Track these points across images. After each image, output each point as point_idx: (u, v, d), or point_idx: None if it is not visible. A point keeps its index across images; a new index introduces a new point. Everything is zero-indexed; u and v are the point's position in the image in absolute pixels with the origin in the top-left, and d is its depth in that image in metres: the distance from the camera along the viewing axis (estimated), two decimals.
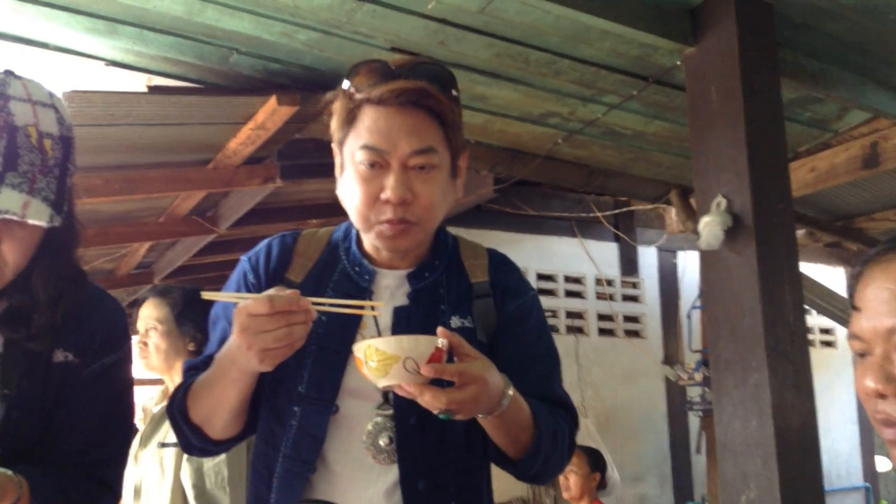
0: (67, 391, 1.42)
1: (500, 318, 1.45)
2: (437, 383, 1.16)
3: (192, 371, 1.43)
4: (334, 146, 1.43)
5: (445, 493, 1.36)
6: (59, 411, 1.42)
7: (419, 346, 1.16)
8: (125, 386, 1.54)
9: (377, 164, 1.33)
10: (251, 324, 1.18)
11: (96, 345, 1.46)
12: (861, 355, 1.04)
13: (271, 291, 1.20)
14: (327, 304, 1.27)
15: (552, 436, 1.34)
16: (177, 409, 1.39)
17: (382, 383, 1.19)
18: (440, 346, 1.17)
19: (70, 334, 1.42)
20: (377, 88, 1.33)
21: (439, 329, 1.18)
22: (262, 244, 1.51)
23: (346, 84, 1.38)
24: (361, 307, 1.29)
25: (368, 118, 1.34)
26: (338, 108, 1.39)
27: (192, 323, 2.70)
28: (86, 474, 1.43)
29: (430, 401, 1.15)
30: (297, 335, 1.20)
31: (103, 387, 1.47)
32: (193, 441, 1.40)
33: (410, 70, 1.36)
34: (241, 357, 1.24)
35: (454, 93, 1.41)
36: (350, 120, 1.36)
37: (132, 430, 1.61)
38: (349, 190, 1.37)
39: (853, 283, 1.05)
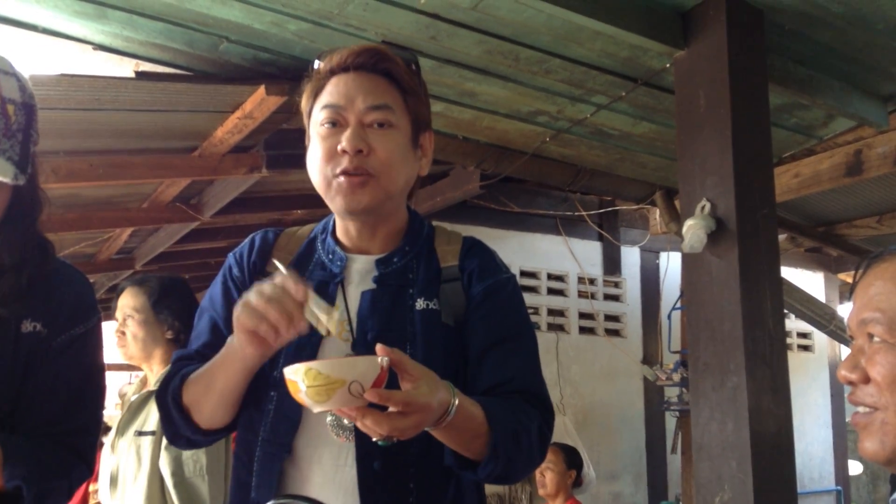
0: (37, 362, 1.45)
1: (469, 300, 1.45)
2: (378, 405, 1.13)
3: (185, 360, 1.45)
4: (304, 120, 1.49)
5: (404, 473, 1.34)
6: (30, 382, 1.44)
7: (362, 368, 1.10)
8: (95, 357, 1.56)
9: (336, 122, 1.39)
10: (271, 291, 1.21)
11: (64, 316, 1.49)
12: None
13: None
14: (314, 302, 1.25)
15: (513, 438, 1.29)
16: (171, 393, 1.39)
17: (320, 408, 1.12)
18: (383, 365, 1.12)
19: (38, 305, 1.45)
20: (337, 56, 1.43)
21: (378, 346, 1.13)
22: (246, 240, 1.56)
23: (315, 64, 1.47)
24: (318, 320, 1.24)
25: (331, 85, 1.42)
26: (307, 87, 1.47)
27: (169, 311, 2.69)
28: (59, 444, 1.46)
29: (372, 426, 1.12)
30: (272, 316, 1.18)
31: (73, 358, 1.49)
32: (181, 429, 1.40)
33: None
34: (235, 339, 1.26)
35: (413, 68, 1.48)
36: (316, 93, 1.45)
37: (104, 401, 1.62)
38: (312, 153, 1.43)
39: (855, 280, 1.13)
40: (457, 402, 1.21)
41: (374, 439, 1.15)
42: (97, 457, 1.60)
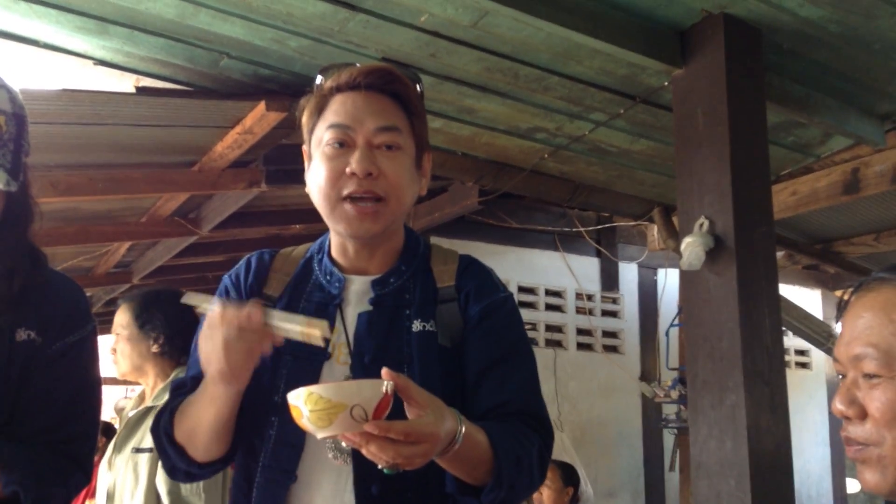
0: (33, 370, 1.46)
1: (466, 321, 1.43)
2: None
3: (179, 390, 1.43)
4: (304, 136, 1.46)
5: (402, 498, 1.33)
6: (26, 391, 1.45)
7: (365, 392, 1.09)
8: (91, 364, 1.57)
9: (344, 142, 1.37)
10: (208, 330, 1.22)
11: (58, 324, 1.50)
12: (841, 377, 1.09)
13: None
14: (280, 319, 1.23)
15: (515, 463, 1.28)
16: (162, 429, 1.38)
17: (323, 434, 1.10)
18: (387, 390, 1.10)
19: (32, 313, 1.46)
20: (345, 74, 1.40)
21: (384, 370, 1.12)
22: (242, 261, 1.54)
23: (318, 80, 1.44)
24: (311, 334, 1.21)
25: (336, 103, 1.39)
26: (309, 102, 1.44)
27: (152, 325, 2.67)
28: (57, 451, 1.46)
29: (376, 453, 1.09)
30: (234, 347, 1.19)
31: (69, 365, 1.50)
32: (178, 463, 1.39)
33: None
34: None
35: (419, 88, 1.47)
36: (319, 109, 1.41)
37: (101, 408, 1.62)
38: (315, 173, 1.40)
39: (841, 308, 1.10)
40: (463, 429, 1.19)
41: (379, 466, 1.12)
42: (95, 465, 1.60)
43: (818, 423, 7.29)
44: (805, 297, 7.13)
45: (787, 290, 6.73)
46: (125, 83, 3.25)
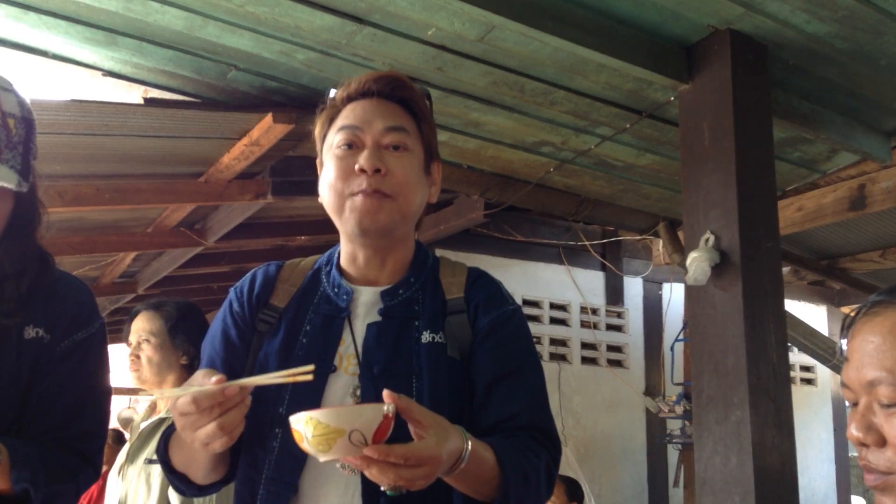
0: (42, 368, 1.47)
1: (474, 332, 1.43)
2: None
3: None
4: (317, 147, 1.49)
5: None
6: (35, 388, 1.47)
7: (365, 416, 1.08)
8: (99, 361, 1.59)
9: (353, 143, 1.40)
10: (184, 422, 1.18)
11: (66, 321, 1.52)
12: (853, 404, 1.06)
13: (198, 375, 1.19)
14: (261, 379, 1.21)
15: (522, 479, 1.28)
16: (160, 456, 1.39)
17: (325, 458, 1.11)
18: (388, 412, 1.09)
19: (40, 311, 1.49)
20: (354, 83, 1.45)
21: (385, 392, 1.12)
22: (248, 275, 1.55)
23: (331, 93, 1.49)
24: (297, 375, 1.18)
25: (347, 110, 1.44)
26: (321, 114, 1.49)
27: (185, 336, 2.68)
28: (66, 448, 1.47)
29: (377, 476, 1.10)
30: (228, 425, 1.16)
31: (77, 363, 1.52)
32: (181, 486, 1.40)
33: None
34: None
35: (427, 102, 1.51)
36: (331, 119, 1.46)
37: (109, 405, 1.64)
38: (325, 174, 1.43)
39: (846, 332, 1.08)
40: (469, 447, 1.19)
41: (382, 488, 1.12)
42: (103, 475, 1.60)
43: (823, 439, 7.26)
44: (811, 313, 7.12)
45: (793, 306, 6.71)
46: (133, 94, 3.27)
